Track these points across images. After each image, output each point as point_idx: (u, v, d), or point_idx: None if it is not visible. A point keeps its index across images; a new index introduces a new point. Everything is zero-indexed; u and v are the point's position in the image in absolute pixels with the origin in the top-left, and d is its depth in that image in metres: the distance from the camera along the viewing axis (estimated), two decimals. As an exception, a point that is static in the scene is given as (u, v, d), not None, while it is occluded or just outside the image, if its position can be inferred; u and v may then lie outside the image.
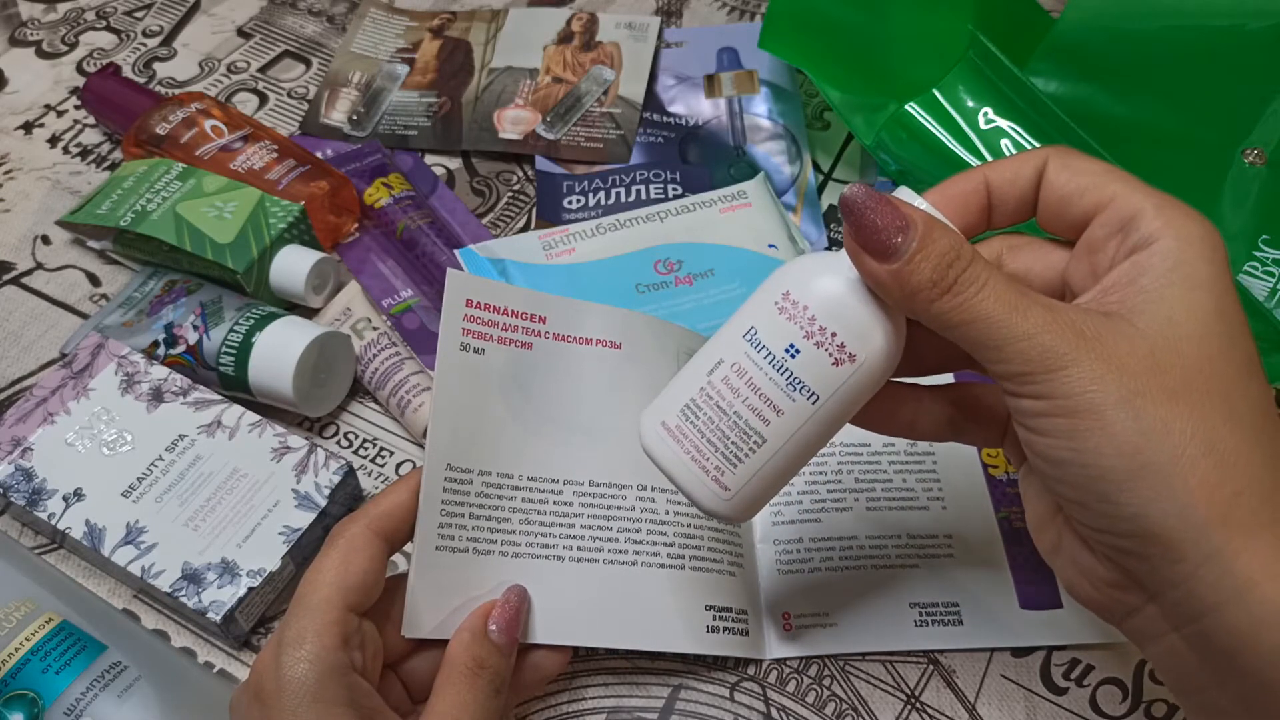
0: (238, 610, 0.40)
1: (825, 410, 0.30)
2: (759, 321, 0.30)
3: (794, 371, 0.29)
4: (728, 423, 0.30)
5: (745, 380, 0.30)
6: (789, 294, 0.29)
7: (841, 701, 0.41)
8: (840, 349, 0.29)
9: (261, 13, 0.70)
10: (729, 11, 0.71)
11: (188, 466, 0.44)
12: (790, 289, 0.29)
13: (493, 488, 0.38)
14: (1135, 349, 0.26)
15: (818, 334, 0.29)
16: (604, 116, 0.62)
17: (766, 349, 0.30)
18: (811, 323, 0.29)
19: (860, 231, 0.27)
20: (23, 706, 0.37)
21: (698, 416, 0.31)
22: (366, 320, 0.51)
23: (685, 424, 0.31)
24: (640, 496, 0.41)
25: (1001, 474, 0.45)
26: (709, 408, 0.31)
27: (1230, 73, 0.53)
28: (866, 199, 0.27)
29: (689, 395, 0.31)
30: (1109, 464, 0.26)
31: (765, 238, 0.52)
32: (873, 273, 0.28)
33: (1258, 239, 0.51)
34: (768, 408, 0.30)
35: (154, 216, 0.51)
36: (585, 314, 0.42)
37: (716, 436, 0.30)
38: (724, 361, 0.30)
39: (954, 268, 0.27)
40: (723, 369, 0.30)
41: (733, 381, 0.30)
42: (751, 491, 0.31)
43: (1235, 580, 0.25)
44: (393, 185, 0.56)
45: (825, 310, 0.29)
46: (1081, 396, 0.26)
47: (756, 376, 0.30)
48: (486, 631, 0.34)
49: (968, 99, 0.53)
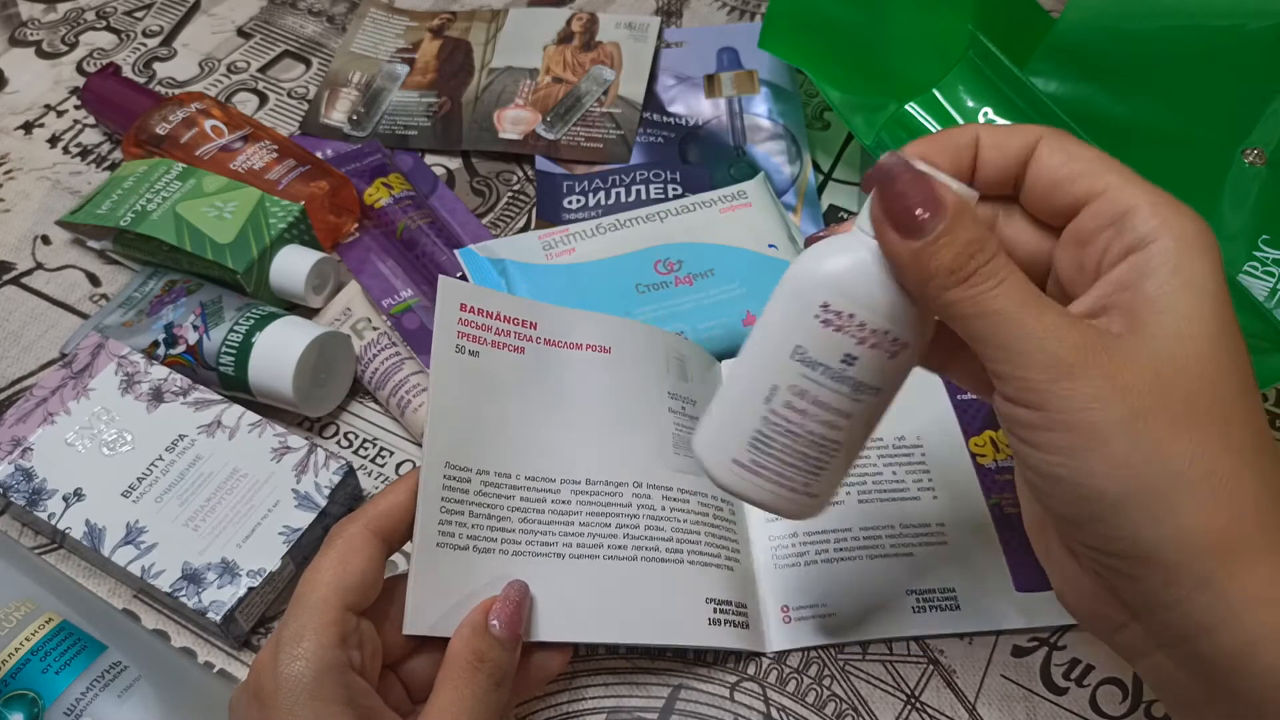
0: (238, 610, 0.40)
1: (887, 394, 0.30)
2: (805, 339, 0.29)
3: (855, 377, 0.29)
4: (804, 443, 0.30)
5: (810, 400, 0.29)
6: (829, 305, 0.28)
7: (841, 701, 0.41)
8: (894, 343, 0.29)
9: (261, 13, 0.70)
10: (729, 11, 0.71)
11: (188, 466, 0.44)
12: (829, 299, 0.28)
13: (491, 486, 0.38)
14: (1142, 365, 0.25)
15: (871, 337, 0.28)
16: (604, 116, 0.62)
17: (823, 365, 0.29)
18: (862, 329, 0.28)
19: (890, 202, 0.27)
20: (23, 706, 0.37)
21: (771, 446, 0.30)
22: (366, 320, 0.51)
23: (760, 456, 0.30)
24: (636, 493, 0.41)
25: (990, 462, 0.45)
26: (780, 435, 0.30)
27: (1230, 73, 0.53)
28: (903, 170, 0.27)
29: (752, 428, 0.30)
30: (1104, 485, 0.25)
31: (765, 238, 0.52)
32: (893, 247, 0.27)
33: (1258, 239, 0.51)
34: (838, 417, 0.30)
35: (154, 216, 0.51)
36: (575, 320, 0.43)
37: (797, 458, 0.30)
38: (779, 387, 0.30)
39: (975, 259, 0.26)
40: (781, 395, 0.30)
41: (796, 405, 0.29)
42: (833, 483, 0.32)
43: (1229, 605, 0.25)
44: (393, 185, 0.56)
45: (874, 313, 0.28)
46: (1081, 413, 0.25)
47: (820, 394, 0.29)
48: (487, 626, 0.34)
49: (968, 99, 0.53)
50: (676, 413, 0.44)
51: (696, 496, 0.42)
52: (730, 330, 0.49)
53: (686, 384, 0.45)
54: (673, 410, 0.44)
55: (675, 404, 0.44)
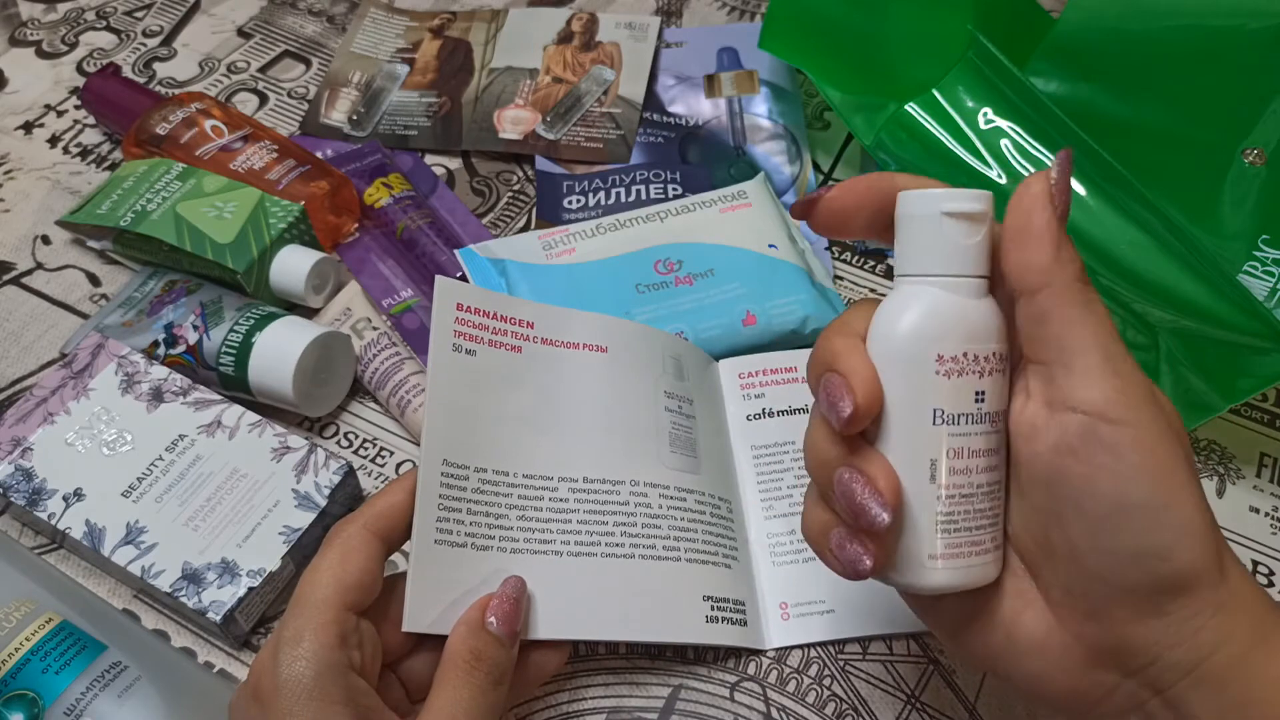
0: (238, 610, 0.40)
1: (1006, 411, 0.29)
2: (938, 399, 0.28)
3: (989, 409, 0.28)
4: (980, 499, 0.29)
5: (968, 455, 0.28)
6: (942, 355, 0.28)
7: (841, 701, 0.41)
8: (1001, 360, 0.28)
9: (261, 13, 0.70)
10: (729, 11, 0.71)
11: (188, 466, 0.44)
12: (940, 350, 0.28)
13: (489, 484, 0.38)
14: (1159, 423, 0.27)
15: (988, 364, 0.28)
16: (604, 116, 0.62)
17: (963, 414, 0.28)
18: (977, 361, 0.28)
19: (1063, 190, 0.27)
20: (23, 706, 0.37)
21: (956, 520, 0.29)
22: (366, 320, 0.51)
23: (951, 536, 0.29)
24: (634, 491, 0.41)
25: None
26: (959, 505, 0.29)
27: (1230, 73, 0.53)
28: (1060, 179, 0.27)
29: (934, 514, 0.28)
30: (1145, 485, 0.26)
31: (765, 238, 0.52)
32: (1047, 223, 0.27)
33: (1258, 239, 0.51)
34: (993, 457, 0.29)
35: (154, 216, 0.51)
36: (571, 320, 0.43)
37: (981, 518, 0.29)
38: (937, 460, 0.28)
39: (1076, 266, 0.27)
40: (942, 466, 0.28)
41: (958, 466, 0.28)
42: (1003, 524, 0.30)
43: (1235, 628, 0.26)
44: (393, 185, 0.56)
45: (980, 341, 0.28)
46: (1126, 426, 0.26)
47: (973, 443, 0.28)
48: (484, 624, 0.34)
49: (967, 99, 0.53)
50: (673, 411, 0.44)
51: (694, 494, 0.42)
52: (730, 330, 0.49)
53: (683, 383, 0.45)
54: (669, 409, 0.44)
55: (672, 403, 0.44)
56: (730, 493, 0.44)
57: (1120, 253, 0.48)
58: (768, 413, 0.47)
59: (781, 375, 0.48)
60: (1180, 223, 0.46)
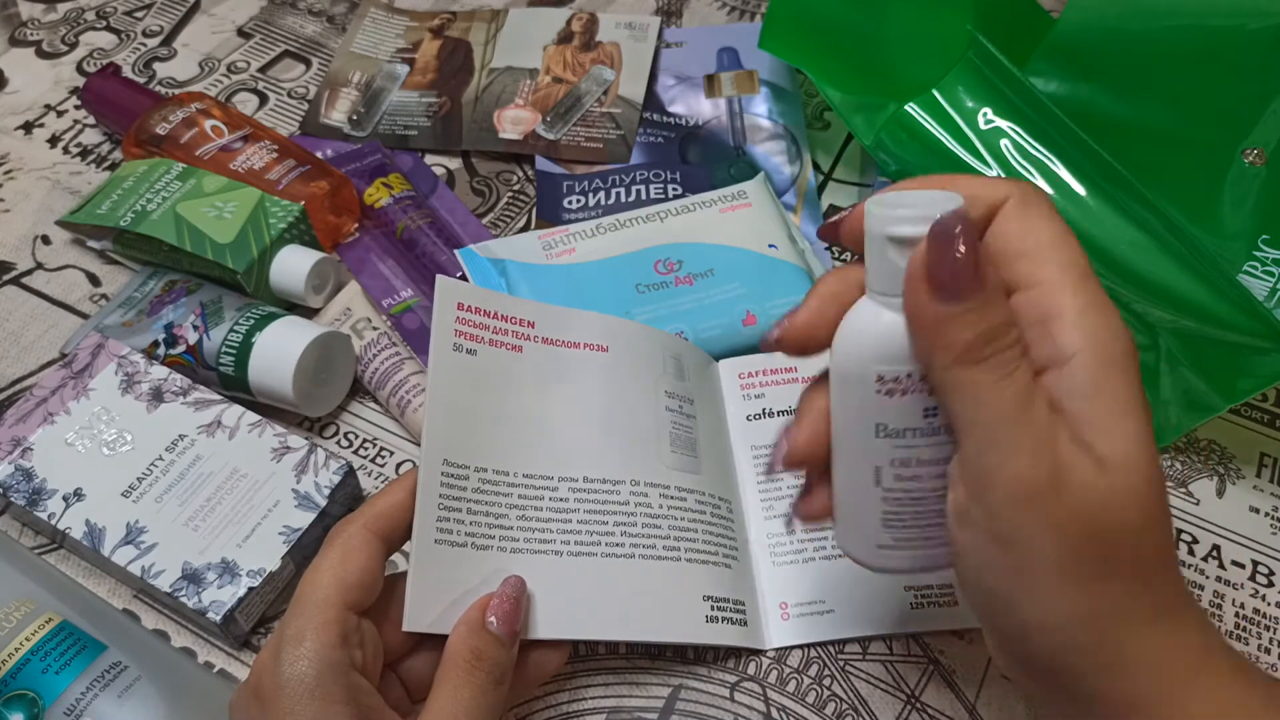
0: (238, 610, 0.40)
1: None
2: (881, 415, 0.29)
3: (941, 419, 0.29)
4: (929, 502, 0.30)
5: (915, 465, 0.29)
6: (883, 376, 0.28)
7: (841, 701, 0.41)
8: None
9: (261, 13, 0.70)
10: (729, 11, 0.71)
11: (188, 466, 0.44)
12: (880, 371, 0.28)
13: (489, 484, 0.38)
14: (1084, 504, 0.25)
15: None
16: (604, 116, 0.62)
17: (910, 429, 0.29)
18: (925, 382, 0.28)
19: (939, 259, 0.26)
20: (23, 706, 0.37)
21: (902, 519, 0.30)
22: (366, 320, 0.51)
23: (897, 531, 0.31)
24: (634, 491, 0.41)
25: None
26: (904, 507, 0.30)
27: (1230, 73, 0.53)
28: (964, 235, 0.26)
29: (879, 511, 0.30)
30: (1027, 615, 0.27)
31: (765, 238, 0.52)
32: (920, 307, 0.26)
33: (1258, 239, 0.51)
34: (943, 463, 0.29)
35: (154, 216, 0.51)
36: (571, 319, 0.43)
37: (930, 517, 0.30)
38: (881, 468, 0.30)
39: (992, 345, 0.26)
40: (888, 473, 0.30)
41: (904, 474, 0.29)
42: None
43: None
44: (393, 185, 0.56)
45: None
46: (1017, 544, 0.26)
47: (921, 454, 0.29)
48: (484, 623, 0.34)
49: (967, 99, 0.53)
50: (674, 411, 0.44)
51: (694, 494, 0.42)
52: (730, 330, 0.49)
53: (683, 383, 0.45)
54: (670, 409, 0.44)
55: (672, 403, 0.44)
56: (730, 493, 0.44)
57: (1120, 253, 0.48)
58: (768, 413, 0.47)
59: (781, 375, 0.48)
60: (1180, 223, 0.46)
